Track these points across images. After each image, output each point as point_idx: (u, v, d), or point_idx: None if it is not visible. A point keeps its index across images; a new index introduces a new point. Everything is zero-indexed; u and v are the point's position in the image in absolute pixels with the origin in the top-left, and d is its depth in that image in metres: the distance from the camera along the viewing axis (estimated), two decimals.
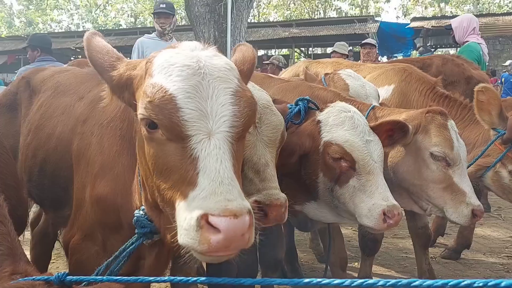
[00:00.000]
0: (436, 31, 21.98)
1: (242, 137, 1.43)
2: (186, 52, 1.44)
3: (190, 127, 1.30)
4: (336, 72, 3.23)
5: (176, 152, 1.32)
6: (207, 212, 1.17)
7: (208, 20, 11.67)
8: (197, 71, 1.36)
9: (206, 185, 1.22)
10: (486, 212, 6.42)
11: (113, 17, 41.64)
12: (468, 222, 2.40)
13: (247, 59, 1.72)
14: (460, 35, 5.89)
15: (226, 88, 1.38)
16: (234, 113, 1.35)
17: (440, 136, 2.43)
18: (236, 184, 1.26)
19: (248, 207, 1.22)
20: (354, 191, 2.12)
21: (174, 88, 1.33)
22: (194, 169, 1.27)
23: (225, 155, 1.29)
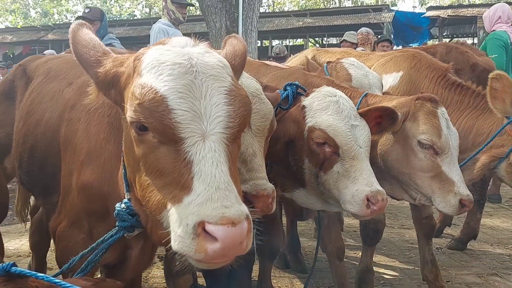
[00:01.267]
0: (452, 20, 21.54)
1: (238, 137, 1.37)
2: (177, 49, 1.38)
3: (183, 129, 1.24)
4: (339, 61, 3.17)
5: (168, 155, 1.26)
6: (203, 220, 1.12)
7: (220, 9, 11.63)
8: (189, 70, 1.30)
9: (202, 190, 1.17)
10: (497, 203, 6.37)
11: (127, 8, 41.77)
12: (455, 212, 2.34)
13: (238, 53, 1.66)
14: (487, 25, 5.88)
15: (220, 87, 1.32)
16: (229, 113, 1.30)
17: (428, 124, 2.37)
18: (233, 188, 1.21)
19: (246, 212, 1.17)
20: (338, 177, 2.08)
21: (165, 88, 1.26)
22: (189, 173, 1.21)
23: (220, 158, 1.24)
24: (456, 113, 2.98)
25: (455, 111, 2.99)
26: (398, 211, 5.83)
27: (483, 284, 3.58)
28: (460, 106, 2.99)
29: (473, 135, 2.88)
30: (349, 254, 4.31)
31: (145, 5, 41.40)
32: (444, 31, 22.91)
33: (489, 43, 5.62)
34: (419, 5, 37.99)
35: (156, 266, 3.83)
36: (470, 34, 23.45)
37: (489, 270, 3.88)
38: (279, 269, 3.89)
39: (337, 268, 2.93)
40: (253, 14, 11.85)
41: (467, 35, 23.94)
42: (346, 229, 5.02)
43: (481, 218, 4.51)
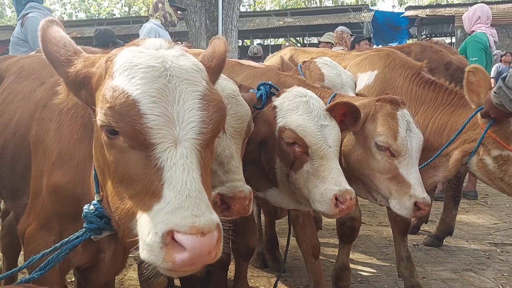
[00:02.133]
0: (431, 20, 21.91)
1: (211, 143, 1.35)
2: (151, 51, 1.34)
3: (154, 135, 1.21)
4: (313, 60, 3.18)
5: (139, 161, 1.23)
6: (173, 229, 1.10)
7: (199, 8, 11.60)
8: (163, 73, 1.27)
9: (172, 198, 1.15)
10: (473, 199, 6.48)
11: (106, 6, 41.24)
12: (410, 214, 2.36)
13: (216, 55, 1.61)
14: (467, 25, 5.95)
15: (194, 92, 1.29)
16: (203, 118, 1.27)
17: (384, 126, 2.39)
18: (204, 196, 1.19)
19: (217, 221, 1.15)
20: (308, 176, 2.09)
21: (138, 92, 1.23)
22: (159, 180, 1.19)
23: (192, 165, 1.21)
24: (431, 110, 3.01)
25: (429, 109, 3.02)
26: (376, 209, 5.87)
27: (458, 280, 3.62)
28: (434, 103, 3.02)
29: (447, 131, 2.91)
30: (328, 252, 4.33)
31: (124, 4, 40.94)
32: (423, 31, 23.27)
33: (469, 46, 5.68)
34: (398, 5, 38.49)
35: (133, 268, 3.77)
36: (448, 33, 23.88)
37: (464, 266, 3.94)
38: (257, 268, 3.88)
39: (312, 266, 2.93)
40: (233, 13, 11.84)
41: (445, 35, 24.36)
42: (324, 227, 5.04)
43: (456, 215, 4.58)
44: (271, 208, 2.74)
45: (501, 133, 2.70)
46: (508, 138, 2.69)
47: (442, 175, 2.94)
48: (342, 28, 7.90)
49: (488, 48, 5.63)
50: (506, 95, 2.43)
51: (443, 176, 2.95)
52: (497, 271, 3.80)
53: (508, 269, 3.85)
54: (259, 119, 2.22)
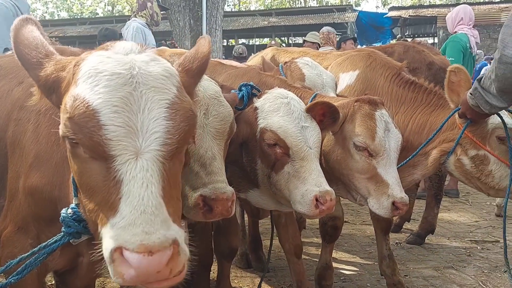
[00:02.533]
0: (413, 20, 22.16)
1: (178, 153, 1.30)
2: (119, 56, 1.29)
3: (114, 147, 1.17)
4: (294, 60, 3.19)
5: (99, 173, 1.20)
6: (121, 246, 1.08)
7: (183, 8, 11.55)
8: (129, 80, 1.23)
9: (127, 214, 1.12)
10: (454, 197, 6.57)
11: (89, 6, 40.78)
12: (388, 214, 2.38)
13: (199, 56, 1.55)
14: (450, 26, 6.02)
15: (161, 100, 1.24)
16: (168, 129, 1.22)
17: (362, 126, 2.41)
18: (162, 212, 1.15)
19: (173, 238, 1.12)
20: (289, 177, 2.10)
21: (99, 101, 1.18)
22: (117, 194, 1.16)
23: (152, 179, 1.17)
24: (410, 110, 3.04)
25: (409, 108, 3.05)
26: (360, 208, 5.91)
27: (440, 277, 3.67)
28: (414, 103, 3.05)
29: (426, 130, 2.94)
30: (312, 251, 4.35)
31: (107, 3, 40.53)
32: (406, 31, 23.53)
33: (448, 46, 5.77)
34: (382, 5, 38.86)
35: None
36: (430, 34, 24.19)
37: (446, 263, 3.99)
38: (241, 268, 3.87)
39: (295, 265, 2.94)
40: (217, 12, 11.81)
41: (427, 35, 24.68)
42: (308, 226, 5.06)
43: (438, 213, 4.64)
44: (253, 209, 2.73)
45: (478, 133, 2.74)
46: (484, 138, 2.74)
47: (421, 174, 2.98)
48: (328, 28, 7.93)
49: (468, 49, 5.71)
50: (481, 96, 2.46)
51: (421, 174, 2.99)
52: (477, 268, 3.86)
53: (488, 266, 3.91)
54: (241, 120, 2.22)
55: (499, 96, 2.37)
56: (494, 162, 2.73)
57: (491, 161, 2.73)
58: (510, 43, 2.20)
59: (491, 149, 2.73)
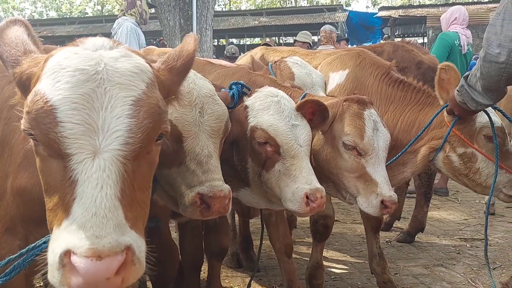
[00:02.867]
0: (403, 20, 22.32)
1: (144, 153, 1.24)
2: (87, 52, 1.25)
3: (70, 145, 1.12)
4: (283, 59, 3.20)
5: (57, 172, 1.16)
6: (70, 249, 1.02)
7: (173, 7, 11.51)
8: (92, 77, 1.18)
9: (79, 216, 1.07)
10: (444, 196, 6.61)
11: (78, 5, 40.45)
12: (377, 212, 2.40)
13: (183, 54, 1.52)
14: (444, 26, 6.07)
15: (126, 97, 1.19)
16: (130, 127, 1.17)
17: (351, 125, 2.44)
18: (117, 215, 1.09)
19: (126, 243, 1.06)
20: (280, 176, 2.11)
21: (59, 97, 1.14)
22: (71, 194, 1.11)
23: (109, 180, 1.11)
24: (399, 108, 3.06)
25: (399, 107, 3.07)
26: (350, 206, 5.92)
27: (429, 275, 3.69)
28: (403, 102, 3.07)
29: (415, 129, 2.96)
30: (303, 250, 4.35)
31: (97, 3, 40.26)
32: (396, 31, 23.68)
33: (435, 43, 5.85)
34: (372, 5, 39.06)
35: None
36: (420, 33, 24.37)
37: (435, 261, 4.01)
38: (232, 268, 3.86)
39: (285, 265, 2.94)
40: (208, 12, 11.79)
41: (417, 35, 24.87)
42: (299, 225, 5.06)
43: (428, 211, 4.66)
44: (244, 208, 2.73)
45: (466, 131, 2.77)
46: (472, 135, 2.77)
47: (411, 171, 3.00)
48: (330, 27, 7.88)
49: (457, 47, 5.75)
50: (467, 93, 2.49)
51: (411, 172, 3.01)
52: (466, 266, 3.89)
53: (477, 263, 3.94)
54: (231, 118, 2.22)
55: (484, 93, 2.40)
56: (481, 160, 2.76)
57: (479, 159, 2.77)
58: (494, 42, 2.23)
59: (479, 147, 2.76)
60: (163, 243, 2.52)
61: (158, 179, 1.93)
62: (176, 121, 1.82)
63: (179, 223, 2.84)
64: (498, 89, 2.36)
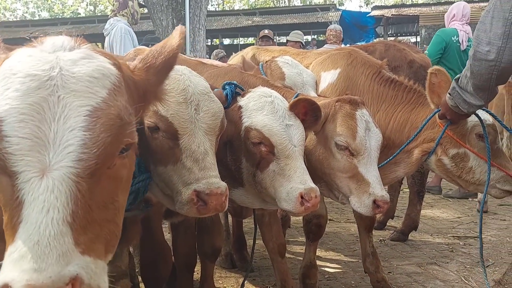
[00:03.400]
0: (396, 19, 22.39)
1: (104, 168, 1.11)
2: (43, 54, 1.13)
3: (16, 162, 1.01)
4: (274, 59, 3.20)
5: (6, 189, 1.04)
6: (7, 283, 0.93)
7: (166, 7, 11.48)
8: (45, 83, 1.06)
9: (20, 243, 0.97)
10: (437, 194, 6.64)
11: (71, 5, 40.25)
12: (369, 212, 2.41)
13: (165, 50, 1.39)
14: (446, 23, 6.10)
15: (81, 106, 1.07)
16: (84, 141, 1.05)
17: (343, 126, 2.45)
18: (63, 243, 0.98)
19: (71, 275, 0.96)
20: (274, 176, 2.12)
21: (5, 108, 1.02)
22: (18, 217, 1.00)
23: (57, 202, 1.00)
24: (391, 108, 3.07)
25: (390, 106, 3.07)
26: (344, 206, 5.90)
27: (423, 273, 3.70)
28: (395, 101, 3.08)
29: (407, 128, 2.97)
30: (297, 250, 4.35)
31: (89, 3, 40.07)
32: (389, 30, 23.78)
33: (432, 40, 5.85)
34: (365, 4, 39.16)
35: None
36: (413, 32, 24.48)
37: (429, 260, 4.02)
38: (225, 269, 3.85)
39: (279, 265, 2.93)
40: (201, 12, 11.77)
41: (410, 34, 24.97)
42: (293, 225, 5.06)
43: (421, 210, 4.67)
44: (236, 208, 2.72)
45: (458, 131, 2.78)
46: (464, 135, 2.79)
47: (403, 171, 3.02)
48: (340, 27, 7.98)
49: (454, 43, 5.77)
50: (459, 95, 2.49)
51: (404, 172, 3.03)
52: (460, 264, 3.90)
53: (470, 261, 3.95)
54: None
55: (475, 93, 2.41)
56: (474, 159, 2.78)
57: (471, 158, 2.78)
58: (484, 40, 2.23)
59: (471, 146, 2.77)
60: (156, 244, 2.51)
61: (153, 178, 1.92)
62: (171, 118, 1.82)
63: (172, 223, 2.83)
64: (489, 88, 2.36)
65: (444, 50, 5.75)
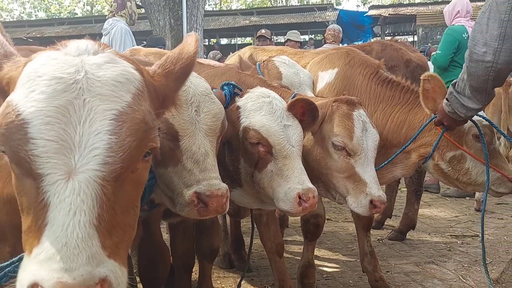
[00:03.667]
0: (393, 19, 22.44)
1: (128, 172, 1.12)
2: (67, 57, 1.14)
3: (42, 164, 1.02)
4: (271, 59, 3.21)
5: (30, 192, 1.05)
6: (37, 282, 0.94)
7: (163, 7, 11.46)
8: (70, 86, 1.07)
9: (48, 245, 0.97)
10: (435, 193, 6.65)
11: (67, 6, 40.16)
12: (366, 212, 2.42)
13: (183, 56, 1.39)
14: (447, 20, 5.91)
15: (107, 110, 1.07)
16: (110, 145, 1.05)
17: (340, 126, 2.46)
18: (91, 245, 0.99)
19: (101, 276, 0.97)
20: (272, 176, 2.12)
21: (31, 110, 1.03)
22: (43, 219, 1.01)
23: (83, 204, 1.01)
24: (389, 108, 3.07)
25: (388, 106, 3.08)
26: (342, 205, 5.92)
27: (421, 272, 3.71)
28: (392, 101, 3.08)
29: (405, 129, 2.98)
30: (295, 250, 4.35)
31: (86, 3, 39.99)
32: (386, 30, 23.82)
33: (442, 38, 5.69)
34: (362, 4, 39.18)
35: None
36: (410, 32, 24.51)
37: (426, 259, 4.03)
38: (224, 269, 3.85)
39: (277, 264, 2.94)
40: (198, 12, 11.76)
41: (407, 33, 25.00)
42: (291, 225, 5.06)
43: (418, 209, 4.68)
44: (234, 208, 2.72)
45: (455, 132, 2.80)
46: (461, 137, 2.80)
47: (401, 172, 3.04)
48: (338, 27, 8.02)
49: (465, 40, 5.63)
50: (456, 99, 2.49)
51: (401, 173, 3.05)
52: (457, 263, 3.91)
53: (468, 260, 3.96)
54: None
55: (473, 96, 2.40)
56: (470, 160, 2.79)
57: (468, 159, 2.80)
58: (480, 41, 2.23)
59: (468, 147, 2.79)
60: (154, 244, 2.51)
61: None
62: (172, 119, 1.82)
63: (170, 224, 2.83)
64: (486, 90, 2.35)
65: (456, 49, 5.63)
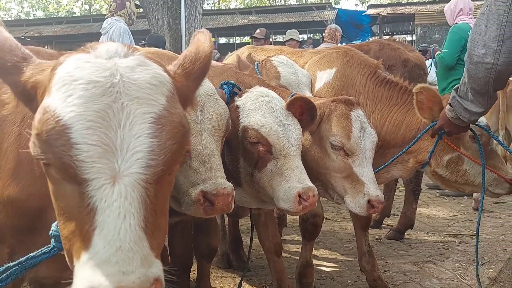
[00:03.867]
0: (392, 18, 22.45)
1: (166, 175, 1.13)
2: (100, 60, 1.13)
3: (88, 169, 1.02)
4: (269, 58, 3.21)
5: (73, 197, 1.05)
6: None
7: (161, 6, 11.44)
8: (108, 90, 1.07)
9: (100, 249, 0.98)
10: (435, 189, 6.66)
11: (65, 5, 40.07)
12: (364, 212, 2.43)
13: (201, 56, 1.36)
14: (449, 18, 5.80)
15: (146, 114, 1.08)
16: (152, 148, 1.06)
17: (338, 126, 2.46)
18: (143, 247, 1.00)
19: (154, 275, 0.98)
20: (272, 175, 2.13)
21: (71, 115, 1.03)
22: (91, 224, 1.01)
23: (131, 208, 1.02)
24: (387, 108, 3.08)
25: (386, 107, 3.08)
26: (341, 204, 5.93)
27: (419, 272, 3.71)
28: (390, 102, 3.09)
29: (403, 130, 2.98)
30: (293, 249, 4.35)
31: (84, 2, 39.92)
32: (384, 29, 23.81)
33: (447, 37, 5.59)
34: (360, 3, 39.18)
35: None
36: (408, 31, 24.54)
37: (425, 258, 4.04)
38: (222, 269, 3.85)
39: (275, 264, 2.94)
40: (196, 11, 11.74)
41: (406, 32, 25.02)
42: (290, 224, 5.07)
43: (417, 208, 4.69)
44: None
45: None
46: (458, 138, 2.80)
47: (398, 173, 3.05)
48: (336, 26, 8.04)
49: None
50: (459, 104, 2.48)
51: (399, 174, 3.07)
52: (455, 262, 3.92)
53: (466, 259, 3.97)
54: None
55: (475, 100, 2.38)
56: (468, 161, 2.80)
57: (465, 161, 2.80)
58: (479, 42, 2.23)
59: (465, 149, 2.80)
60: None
61: None
62: None
63: (169, 224, 2.83)
64: (487, 92, 2.33)
65: (463, 47, 5.54)
